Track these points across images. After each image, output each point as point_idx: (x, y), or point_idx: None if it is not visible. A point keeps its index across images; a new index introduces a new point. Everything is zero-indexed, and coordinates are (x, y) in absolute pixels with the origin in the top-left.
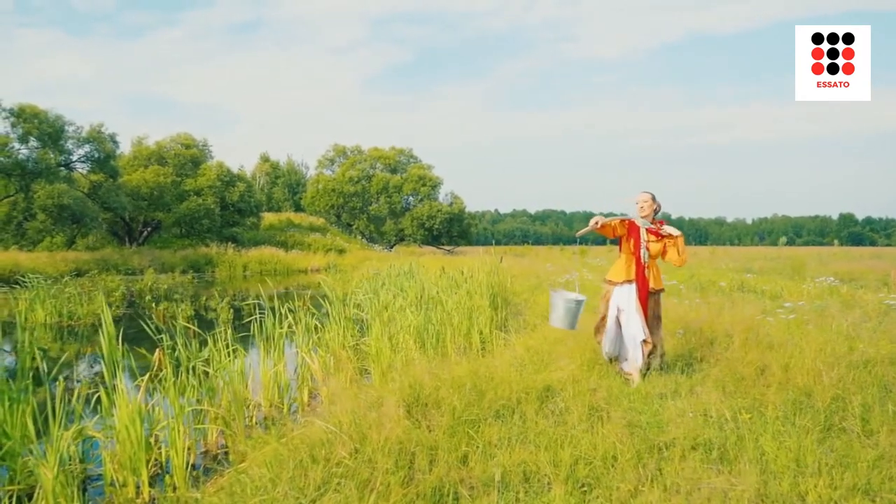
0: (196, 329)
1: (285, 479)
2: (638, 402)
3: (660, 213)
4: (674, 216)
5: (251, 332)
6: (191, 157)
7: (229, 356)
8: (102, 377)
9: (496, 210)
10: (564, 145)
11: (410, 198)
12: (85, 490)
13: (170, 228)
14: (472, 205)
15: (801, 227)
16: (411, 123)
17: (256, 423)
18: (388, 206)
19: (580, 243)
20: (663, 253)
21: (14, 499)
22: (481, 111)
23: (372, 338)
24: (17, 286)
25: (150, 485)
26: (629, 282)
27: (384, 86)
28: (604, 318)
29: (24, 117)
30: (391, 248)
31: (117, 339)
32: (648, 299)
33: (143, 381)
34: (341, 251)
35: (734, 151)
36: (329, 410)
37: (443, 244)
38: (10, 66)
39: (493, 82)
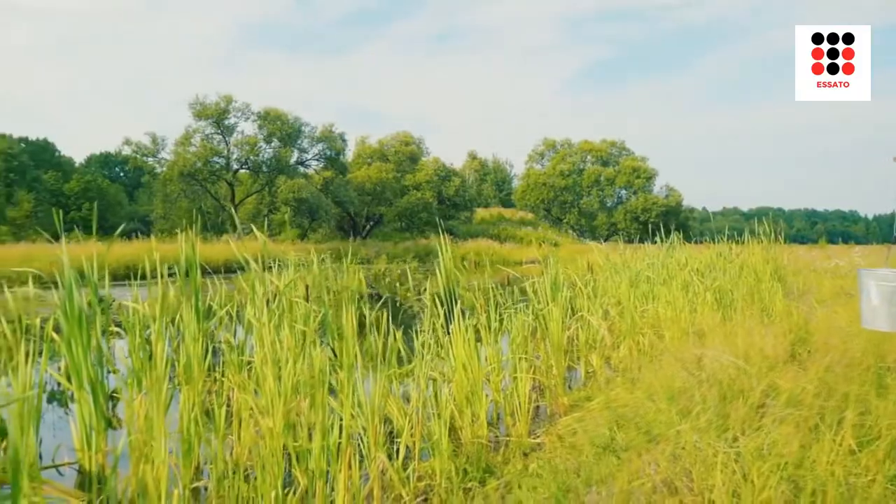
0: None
1: (694, 414)
2: None
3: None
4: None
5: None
6: (409, 154)
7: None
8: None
9: (704, 208)
10: (782, 139)
11: (623, 191)
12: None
13: (390, 222)
14: None
15: None
16: (611, 121)
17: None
18: (599, 199)
19: None
20: None
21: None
22: (686, 105)
23: (672, 301)
24: (279, 267)
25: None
26: None
27: (584, 83)
28: None
29: (269, 119)
30: (604, 242)
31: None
32: None
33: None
34: (555, 244)
35: None
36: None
37: (659, 240)
38: (240, 84)
39: (699, 75)
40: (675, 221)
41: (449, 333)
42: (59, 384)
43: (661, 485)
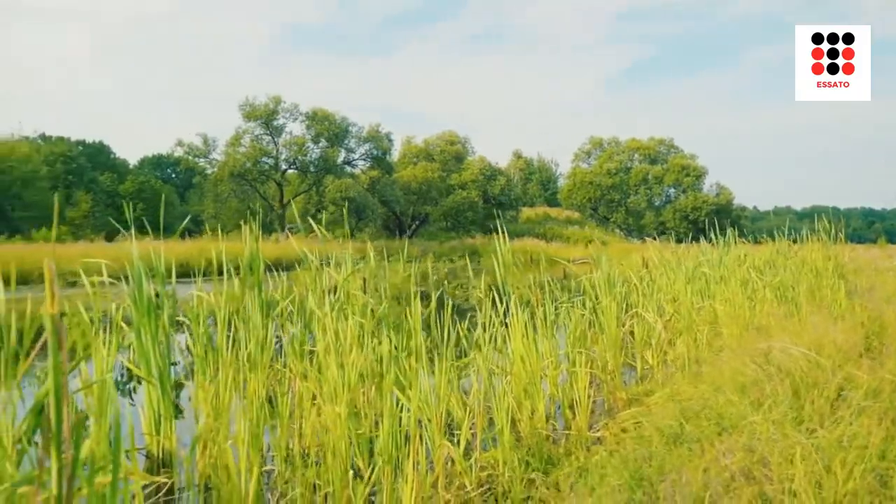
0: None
1: (766, 406)
2: None
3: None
4: None
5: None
6: (454, 154)
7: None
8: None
9: (755, 207)
10: (840, 134)
11: (672, 189)
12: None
13: (436, 221)
14: None
15: None
16: (657, 119)
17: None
18: (646, 198)
19: None
20: None
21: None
22: (736, 101)
23: (730, 298)
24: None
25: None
26: None
27: (630, 81)
28: None
29: (317, 119)
30: (656, 240)
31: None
32: None
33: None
34: (604, 243)
35: None
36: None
37: (714, 237)
38: (287, 85)
39: (749, 69)
40: (727, 220)
41: (506, 326)
42: (121, 375)
43: (738, 474)
